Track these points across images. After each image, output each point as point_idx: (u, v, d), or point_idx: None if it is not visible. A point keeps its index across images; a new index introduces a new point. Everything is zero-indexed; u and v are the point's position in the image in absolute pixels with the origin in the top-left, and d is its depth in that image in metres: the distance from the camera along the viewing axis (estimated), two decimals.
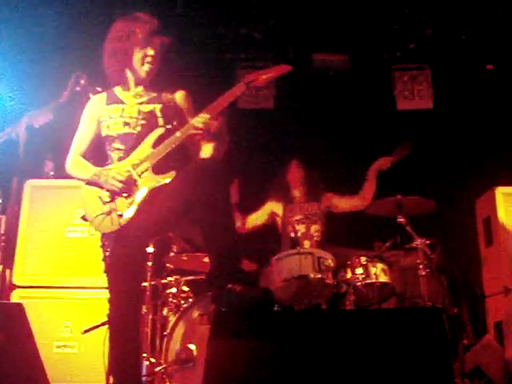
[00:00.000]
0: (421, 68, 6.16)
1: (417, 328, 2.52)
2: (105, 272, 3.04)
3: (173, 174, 3.03)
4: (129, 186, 3.01)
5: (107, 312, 3.01)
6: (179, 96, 3.29)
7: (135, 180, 3.01)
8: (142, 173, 3.03)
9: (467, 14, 5.73)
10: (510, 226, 4.69)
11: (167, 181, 3.01)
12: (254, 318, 2.56)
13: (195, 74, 5.68)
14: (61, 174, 4.65)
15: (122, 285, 2.96)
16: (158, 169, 3.04)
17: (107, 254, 3.03)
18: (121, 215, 2.98)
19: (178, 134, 3.01)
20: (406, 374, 2.46)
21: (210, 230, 2.83)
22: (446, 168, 5.70)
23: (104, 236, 3.08)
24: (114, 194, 3.03)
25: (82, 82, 3.42)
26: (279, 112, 6.12)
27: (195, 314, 4.19)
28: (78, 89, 3.35)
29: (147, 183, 3.02)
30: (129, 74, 3.23)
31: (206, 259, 4.33)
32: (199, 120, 2.95)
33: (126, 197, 3.01)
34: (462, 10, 5.71)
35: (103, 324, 3.75)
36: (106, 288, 3.02)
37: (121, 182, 3.00)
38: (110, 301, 3.00)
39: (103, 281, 3.07)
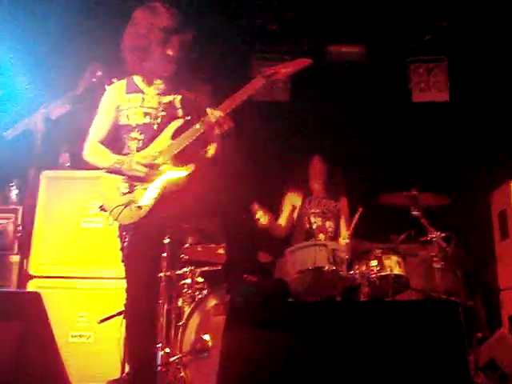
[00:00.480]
0: (437, 60, 6.11)
1: (432, 320, 2.52)
2: (122, 261, 3.06)
3: (192, 166, 3.04)
4: (151, 172, 3.01)
5: (124, 301, 3.03)
6: (200, 89, 3.29)
7: (157, 166, 3.01)
8: (163, 164, 3.04)
9: (483, 5, 5.68)
10: None
11: (186, 173, 3.02)
12: (269, 309, 2.57)
13: (210, 64, 5.67)
14: (76, 165, 4.69)
15: (140, 274, 2.99)
16: (177, 160, 3.06)
17: (125, 243, 3.04)
18: (140, 207, 2.99)
19: (197, 126, 3.01)
20: (420, 367, 2.45)
21: (229, 222, 2.84)
22: (461, 161, 5.66)
23: (122, 226, 3.09)
24: (132, 185, 3.03)
25: (99, 73, 3.44)
26: (295, 105, 6.11)
27: (210, 304, 4.20)
28: (94, 80, 3.37)
29: (167, 175, 3.03)
30: (149, 67, 3.23)
31: (221, 250, 4.35)
32: (214, 114, 2.95)
33: (145, 188, 3.02)
34: (478, 2, 5.66)
35: (119, 314, 3.79)
36: (123, 278, 3.04)
37: (145, 166, 3.00)
38: (127, 290, 3.03)
39: (118, 271, 3.11)
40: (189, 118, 3.10)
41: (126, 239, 3.04)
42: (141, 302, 2.97)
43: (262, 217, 4.46)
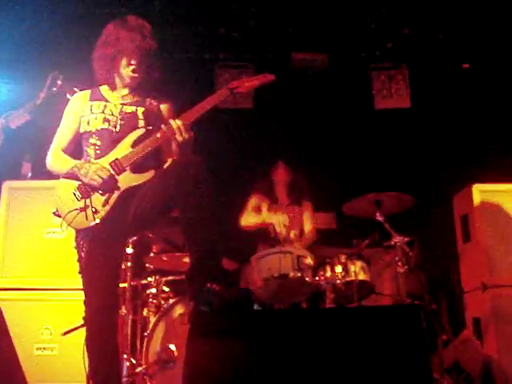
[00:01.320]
0: (398, 67, 6.21)
1: (395, 325, 2.55)
2: (79, 273, 3.02)
3: (152, 173, 3.03)
4: (107, 183, 2.97)
5: (83, 314, 2.99)
6: (164, 107, 3.29)
7: (115, 177, 2.99)
8: (121, 172, 3.01)
9: (444, 13, 5.79)
10: (487, 223, 4.74)
11: (146, 179, 3.00)
12: (233, 317, 2.57)
13: (173, 73, 5.67)
14: (38, 175, 4.63)
15: (98, 286, 2.94)
16: (136, 168, 3.03)
17: (82, 254, 3.00)
18: (96, 211, 2.94)
19: (158, 134, 3.01)
20: (385, 371, 2.48)
21: (191, 229, 2.80)
22: (423, 166, 5.75)
23: (79, 235, 3.05)
24: (89, 190, 2.99)
25: (59, 82, 3.42)
26: (258, 112, 6.14)
27: (176, 313, 4.19)
28: (54, 89, 3.35)
29: (125, 182, 3.00)
30: (115, 77, 3.23)
31: (187, 259, 4.32)
32: (176, 123, 2.95)
33: (102, 194, 2.98)
34: (439, 10, 5.76)
35: (83, 326, 3.73)
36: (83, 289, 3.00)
37: (101, 177, 2.96)
38: (85, 302, 2.99)
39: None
40: (150, 128, 3.09)
41: (84, 249, 2.99)
42: (100, 314, 2.93)
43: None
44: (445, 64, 6.18)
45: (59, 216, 3.04)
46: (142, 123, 3.14)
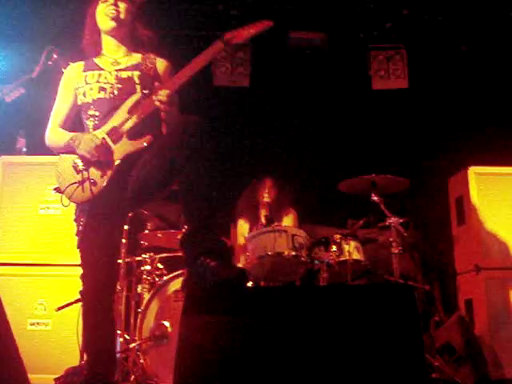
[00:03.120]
0: (396, 48, 6.18)
1: (388, 304, 2.55)
2: (78, 247, 2.99)
3: (149, 138, 2.93)
4: (103, 153, 2.90)
5: (80, 289, 2.98)
6: (160, 65, 3.17)
7: (110, 147, 2.92)
8: (118, 139, 2.94)
9: None
10: (482, 206, 4.75)
11: (144, 145, 2.91)
12: (226, 294, 2.56)
13: (172, 49, 5.62)
14: (34, 150, 4.60)
15: (95, 260, 2.90)
16: (134, 135, 2.94)
17: (80, 228, 2.97)
18: (94, 183, 2.88)
19: (155, 97, 2.90)
20: (377, 350, 2.48)
21: (189, 195, 2.70)
22: (419, 147, 5.74)
23: (78, 208, 2.99)
24: (88, 163, 2.92)
25: (55, 56, 3.37)
26: (255, 90, 6.10)
27: (170, 290, 4.19)
28: (50, 63, 3.30)
29: (123, 149, 2.92)
30: (102, 36, 3.16)
31: None
32: (162, 94, 2.86)
33: (99, 165, 2.91)
34: None
35: (77, 301, 3.74)
36: (79, 265, 2.99)
37: (96, 147, 2.89)
38: (82, 277, 2.95)
39: (76, 257, 3.04)
40: (146, 91, 3.00)
41: (82, 222, 2.96)
42: (97, 289, 2.90)
43: None
44: (443, 46, 6.14)
45: (60, 191, 3.00)
46: (138, 88, 3.04)
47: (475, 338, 4.36)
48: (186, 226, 2.79)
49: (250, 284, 4.10)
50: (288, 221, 4.90)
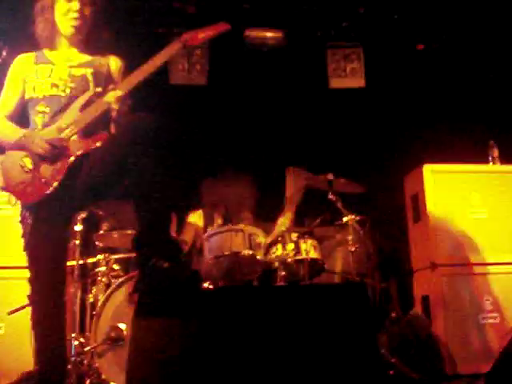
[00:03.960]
0: (353, 46, 6.20)
1: (342, 302, 2.55)
2: (24, 250, 2.91)
3: (103, 137, 2.87)
4: (56, 151, 2.82)
5: (28, 293, 2.89)
6: (114, 64, 3.12)
7: (64, 145, 2.83)
8: (69, 138, 2.85)
9: None
10: (437, 203, 4.81)
11: (96, 145, 2.84)
12: (179, 296, 2.52)
13: (127, 48, 5.54)
14: None
15: (43, 263, 2.83)
16: (86, 134, 2.87)
17: (27, 229, 2.88)
18: (46, 183, 2.79)
19: (105, 98, 2.85)
20: (332, 348, 2.49)
21: (140, 194, 2.65)
22: (375, 146, 5.78)
23: (24, 209, 2.90)
24: (39, 161, 2.83)
25: (4, 53, 3.28)
26: (212, 89, 6.06)
27: (125, 292, 4.13)
28: None
29: (76, 148, 2.83)
30: (58, 34, 3.06)
31: None
32: (112, 95, 2.81)
33: (51, 163, 2.83)
34: None
35: (29, 305, 3.65)
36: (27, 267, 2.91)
37: (51, 145, 2.80)
38: (29, 280, 2.88)
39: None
40: (99, 89, 2.93)
41: (29, 223, 2.86)
42: (45, 293, 2.83)
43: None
44: (399, 44, 6.19)
45: (7, 190, 2.90)
46: (92, 86, 2.97)
47: (431, 335, 4.41)
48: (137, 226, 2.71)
49: (207, 284, 4.07)
50: (247, 221, 4.86)
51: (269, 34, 5.99)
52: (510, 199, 4.90)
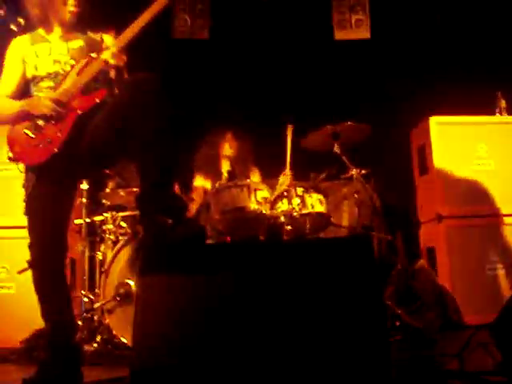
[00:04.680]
0: None
1: (347, 256, 2.55)
2: (24, 214, 2.90)
3: (102, 93, 2.87)
4: (60, 109, 2.81)
5: (28, 258, 2.88)
6: (106, 38, 3.01)
7: (67, 103, 2.83)
8: (72, 96, 2.85)
9: None
10: (443, 155, 4.78)
11: (99, 99, 2.84)
12: (185, 252, 2.53)
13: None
14: None
15: (42, 229, 2.84)
16: (87, 92, 2.88)
17: (28, 191, 2.89)
18: (51, 142, 2.78)
19: (101, 56, 2.84)
20: (338, 302, 2.49)
21: (144, 151, 2.62)
22: (381, 98, 5.71)
23: (29, 171, 2.90)
24: (43, 125, 2.82)
25: (2, 12, 3.25)
26: (215, 43, 5.98)
27: (132, 249, 4.15)
28: None
29: (77, 105, 2.83)
30: (52, 18, 3.04)
31: None
32: (107, 52, 2.80)
33: (56, 122, 2.82)
34: None
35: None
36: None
37: (55, 101, 2.81)
38: (29, 246, 2.88)
39: None
40: (94, 54, 2.92)
41: (30, 187, 2.87)
42: (45, 260, 2.84)
43: None
44: None
45: (15, 160, 2.88)
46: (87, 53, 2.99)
47: (438, 285, 4.44)
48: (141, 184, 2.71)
49: (212, 240, 4.09)
50: (253, 177, 4.85)
51: None
52: None
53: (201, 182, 4.88)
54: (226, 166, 4.90)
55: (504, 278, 4.64)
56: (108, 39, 3.06)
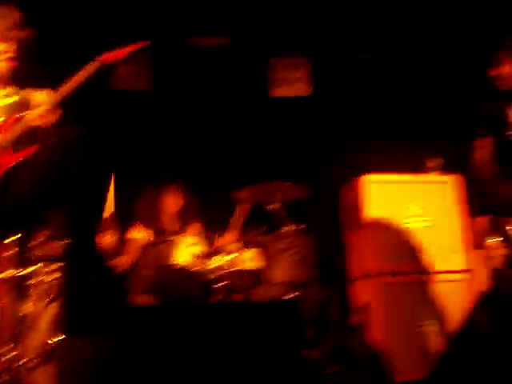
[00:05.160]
0: (298, 56, 6.21)
1: (276, 319, 2.56)
2: None
3: (30, 150, 2.84)
4: None
5: None
6: (39, 96, 3.03)
7: None
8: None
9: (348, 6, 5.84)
10: (375, 212, 4.86)
11: (25, 157, 2.81)
12: (108, 313, 2.49)
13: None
14: None
15: None
16: (15, 148, 2.85)
17: None
18: None
19: (29, 115, 2.84)
20: (268, 363, 2.49)
21: (69, 205, 2.64)
22: (314, 155, 5.81)
23: None
24: None
25: None
26: (158, 94, 6.00)
27: (61, 304, 4.03)
28: None
29: (3, 162, 2.80)
30: None
31: None
32: (35, 113, 2.80)
33: None
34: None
35: None
36: None
37: None
38: None
39: None
40: (23, 113, 2.90)
41: None
42: None
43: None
44: (345, 54, 6.24)
45: None
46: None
47: (370, 342, 4.46)
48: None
49: (142, 299, 4.01)
50: (191, 232, 4.81)
51: (214, 41, 5.96)
52: (447, 209, 5.00)
53: (138, 234, 4.81)
54: (165, 220, 4.85)
55: (435, 335, 4.69)
56: (39, 97, 3.05)
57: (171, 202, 4.86)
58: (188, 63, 5.90)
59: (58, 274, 4.35)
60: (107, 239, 3.89)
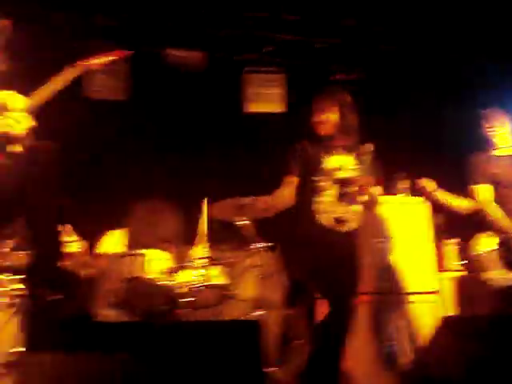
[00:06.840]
0: (274, 72, 6.25)
1: (234, 341, 2.56)
2: None
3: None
4: None
5: None
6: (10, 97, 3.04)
7: None
8: None
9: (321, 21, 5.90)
10: None
11: None
12: (70, 330, 2.48)
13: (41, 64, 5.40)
14: None
15: None
16: None
17: None
18: None
19: (6, 121, 2.81)
20: (228, 381, 2.49)
21: (34, 223, 2.62)
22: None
23: None
24: None
25: None
26: (133, 104, 5.99)
27: (28, 315, 3.99)
28: None
29: None
30: None
31: None
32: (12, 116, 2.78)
33: None
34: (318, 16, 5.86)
35: None
36: None
37: None
38: None
39: None
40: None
41: None
42: None
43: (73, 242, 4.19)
44: (320, 71, 6.28)
45: None
46: None
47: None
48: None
49: (108, 311, 3.99)
50: (162, 246, 4.77)
51: (189, 55, 5.98)
52: (415, 231, 5.04)
53: (105, 247, 4.80)
54: (135, 233, 4.83)
55: (401, 355, 4.72)
56: (15, 101, 3.01)
57: (141, 216, 4.85)
58: (163, 76, 5.89)
59: (20, 286, 4.36)
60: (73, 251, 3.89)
